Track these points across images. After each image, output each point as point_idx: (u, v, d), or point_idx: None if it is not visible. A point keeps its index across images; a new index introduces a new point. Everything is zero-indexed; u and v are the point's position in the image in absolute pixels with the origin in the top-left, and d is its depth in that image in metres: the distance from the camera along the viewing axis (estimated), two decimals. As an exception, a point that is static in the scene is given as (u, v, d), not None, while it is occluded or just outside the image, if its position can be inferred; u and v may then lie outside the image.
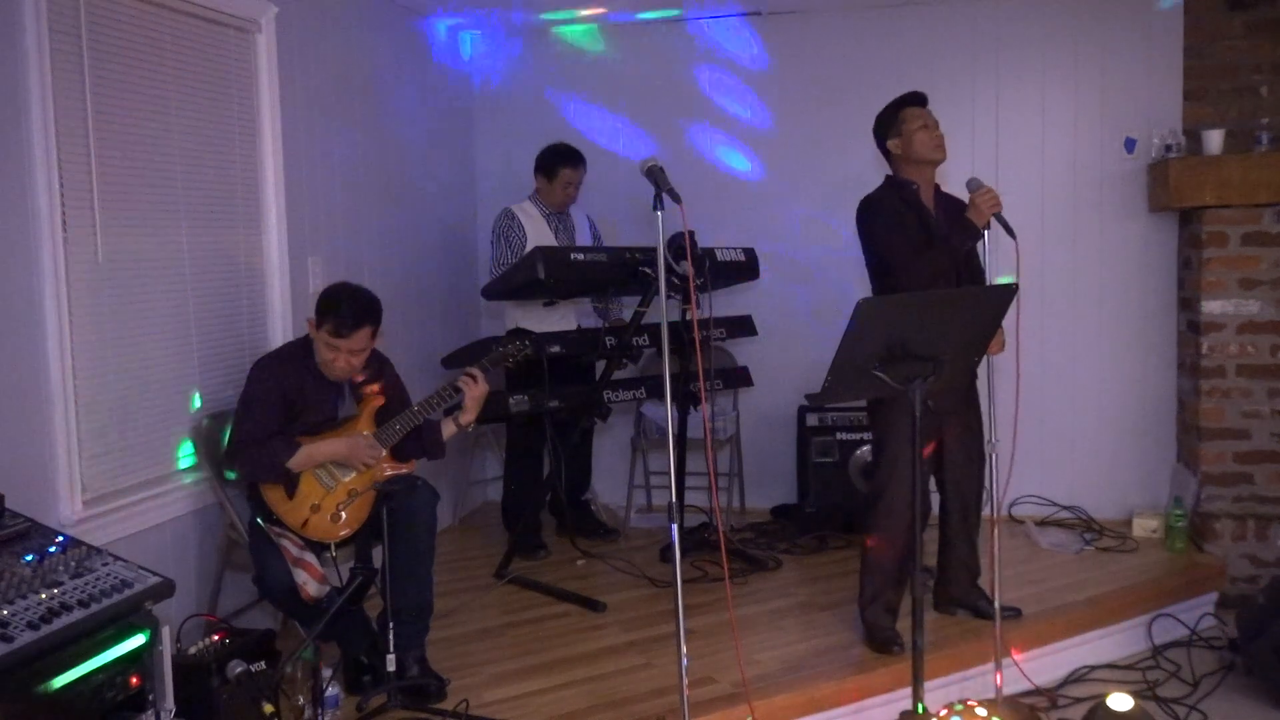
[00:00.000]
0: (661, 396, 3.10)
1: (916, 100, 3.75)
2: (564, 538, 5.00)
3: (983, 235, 3.51)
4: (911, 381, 2.97)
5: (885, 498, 3.65)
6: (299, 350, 3.50)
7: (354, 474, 3.43)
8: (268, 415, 3.35)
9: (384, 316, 3.45)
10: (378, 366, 3.57)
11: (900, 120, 3.71)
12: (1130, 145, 5.07)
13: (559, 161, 4.86)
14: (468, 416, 3.59)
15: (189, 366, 3.64)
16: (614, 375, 4.60)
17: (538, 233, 4.81)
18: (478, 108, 5.78)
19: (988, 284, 3.63)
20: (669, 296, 3.98)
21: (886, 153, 3.77)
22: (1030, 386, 4.95)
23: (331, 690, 3.17)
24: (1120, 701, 3.20)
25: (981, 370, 3.55)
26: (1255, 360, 4.59)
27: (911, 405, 2.97)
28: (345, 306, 3.34)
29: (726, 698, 3.32)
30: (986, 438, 3.47)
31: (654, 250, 3.49)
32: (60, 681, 2.33)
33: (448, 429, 3.62)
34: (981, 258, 3.63)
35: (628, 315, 4.81)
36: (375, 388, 3.53)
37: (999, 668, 3.45)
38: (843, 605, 4.07)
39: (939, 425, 3.73)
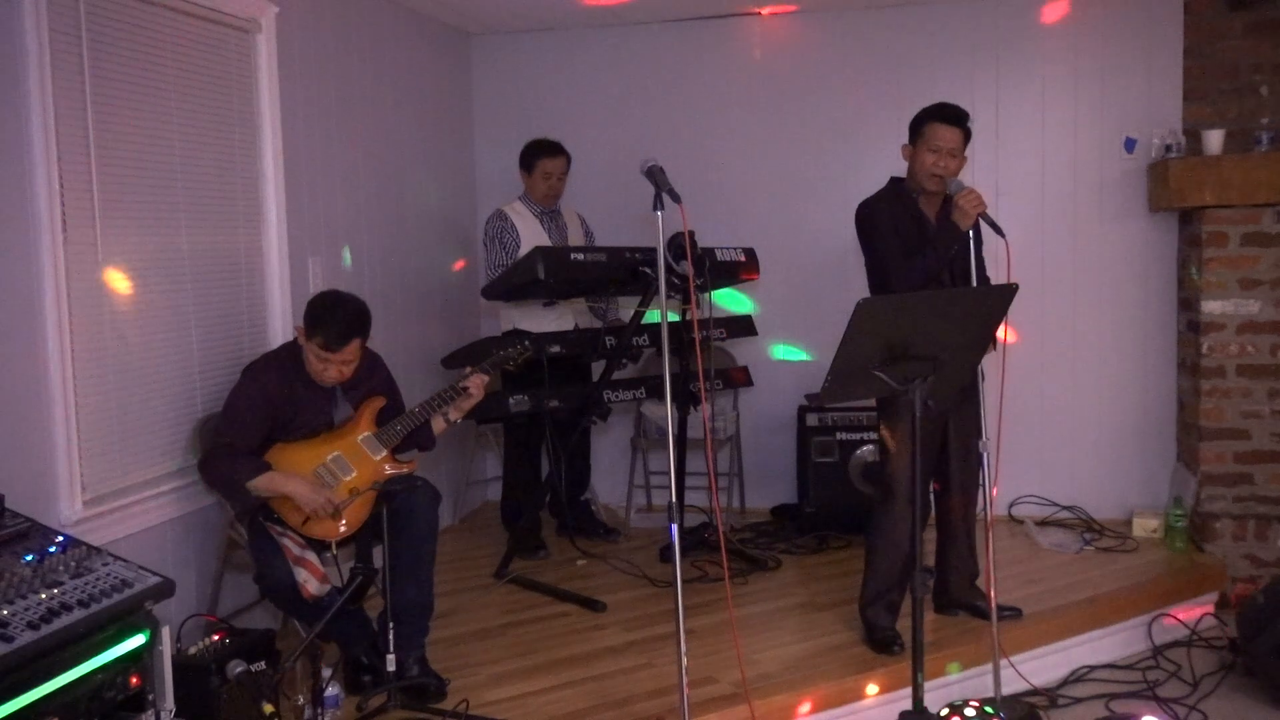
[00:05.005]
0: (661, 396, 3.09)
1: (950, 118, 3.56)
2: (564, 538, 5.00)
3: (967, 237, 3.49)
4: (911, 381, 2.97)
5: (893, 498, 3.65)
6: (290, 355, 3.47)
7: (355, 473, 3.43)
8: (250, 424, 3.33)
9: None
10: (370, 364, 3.57)
11: (922, 133, 3.59)
12: (1130, 145, 5.07)
13: (536, 153, 4.86)
14: (456, 413, 3.66)
15: (189, 367, 3.63)
16: (614, 375, 4.60)
17: (530, 231, 4.80)
18: (478, 107, 5.79)
19: (992, 284, 3.62)
20: (669, 296, 3.98)
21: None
22: (1030, 386, 4.99)
23: (331, 690, 3.17)
24: None
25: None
26: (1255, 360, 4.60)
27: (912, 405, 2.97)
28: (334, 319, 3.28)
29: (726, 698, 3.32)
30: (983, 437, 3.47)
31: (654, 250, 3.50)
32: (60, 681, 2.33)
33: (438, 424, 3.66)
34: (972, 259, 3.59)
35: (626, 316, 4.81)
36: (379, 401, 3.56)
37: (999, 668, 3.45)
38: (843, 605, 4.07)
39: (945, 425, 3.72)
